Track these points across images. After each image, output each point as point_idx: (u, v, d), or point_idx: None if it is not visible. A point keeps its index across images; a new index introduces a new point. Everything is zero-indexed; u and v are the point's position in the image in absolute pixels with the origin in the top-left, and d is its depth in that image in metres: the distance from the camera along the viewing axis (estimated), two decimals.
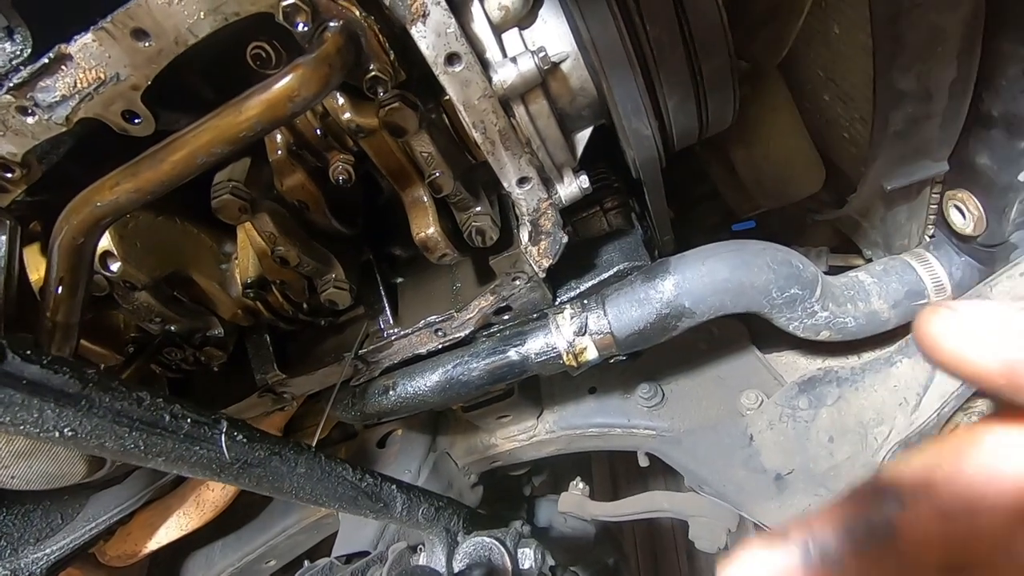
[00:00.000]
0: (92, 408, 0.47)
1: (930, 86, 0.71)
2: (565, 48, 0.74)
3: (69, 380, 0.46)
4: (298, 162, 0.83)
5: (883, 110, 0.76)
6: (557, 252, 0.91)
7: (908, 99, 0.73)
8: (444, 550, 0.94)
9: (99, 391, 0.48)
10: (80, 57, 0.62)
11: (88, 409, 0.47)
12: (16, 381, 0.43)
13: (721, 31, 0.65)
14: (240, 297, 0.97)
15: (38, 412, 0.44)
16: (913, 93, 0.72)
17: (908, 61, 0.69)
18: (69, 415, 0.46)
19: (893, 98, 0.74)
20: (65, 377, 0.46)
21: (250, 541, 1.49)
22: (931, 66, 0.69)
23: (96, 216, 0.64)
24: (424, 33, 0.64)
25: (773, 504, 0.97)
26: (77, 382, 0.47)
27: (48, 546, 1.15)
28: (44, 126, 0.66)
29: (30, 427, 0.44)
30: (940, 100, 0.73)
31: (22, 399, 0.43)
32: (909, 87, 0.72)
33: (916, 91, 0.72)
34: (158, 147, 0.63)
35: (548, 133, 0.78)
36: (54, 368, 0.46)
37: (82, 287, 0.70)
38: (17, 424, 0.44)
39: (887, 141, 0.81)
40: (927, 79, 0.71)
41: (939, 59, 0.69)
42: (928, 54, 0.68)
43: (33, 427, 0.45)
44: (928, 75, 0.70)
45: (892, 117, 0.76)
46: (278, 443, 0.65)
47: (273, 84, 0.60)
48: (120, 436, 0.49)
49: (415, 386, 1.06)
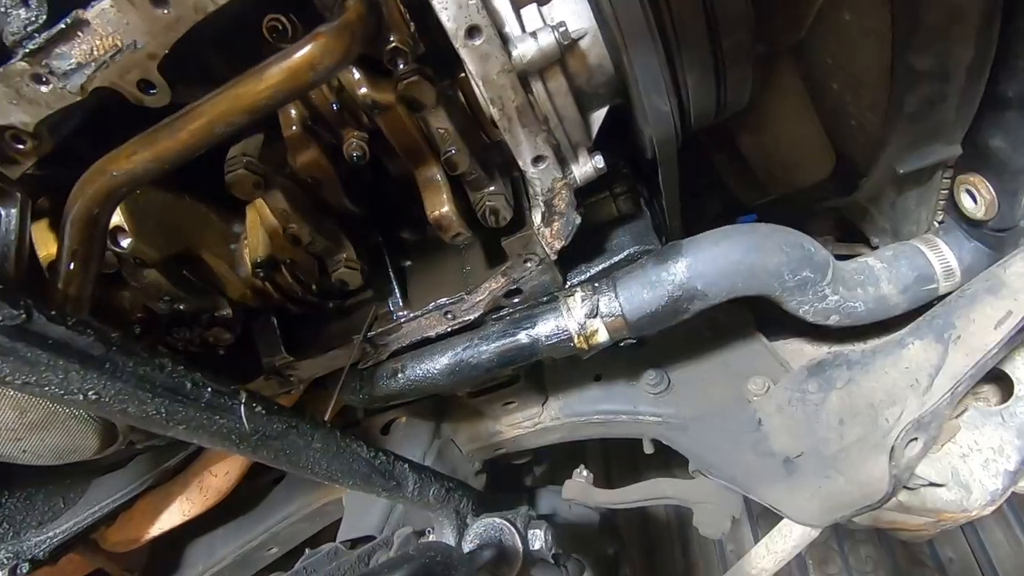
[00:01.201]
0: (116, 371, 0.47)
1: (948, 66, 0.72)
2: (584, 24, 0.74)
3: (94, 342, 0.46)
4: (312, 138, 0.83)
5: (899, 91, 0.77)
6: (570, 233, 0.90)
7: (925, 80, 0.73)
8: (454, 531, 0.94)
9: (123, 355, 0.48)
10: (97, 23, 0.61)
11: (112, 372, 0.47)
12: (42, 340, 0.43)
13: (744, 6, 0.65)
14: (249, 277, 0.96)
15: (63, 373, 0.44)
16: (930, 73, 0.72)
17: (926, 41, 0.70)
18: (94, 377, 0.45)
19: (910, 79, 0.74)
20: (90, 339, 0.46)
21: (252, 528, 1.48)
22: (949, 46, 0.70)
23: (112, 186, 0.64)
24: (446, 4, 0.64)
25: (782, 487, 0.97)
26: (102, 345, 0.46)
27: (51, 529, 1.14)
28: (58, 95, 0.65)
29: (55, 388, 0.44)
30: (957, 81, 0.73)
31: (48, 359, 0.43)
32: (926, 67, 0.72)
33: (933, 71, 0.72)
34: (176, 116, 0.62)
35: (565, 111, 0.78)
36: (79, 330, 0.45)
37: (95, 260, 0.69)
38: (43, 384, 0.43)
39: (901, 124, 0.81)
40: (945, 59, 0.71)
41: (957, 39, 0.69)
42: (947, 34, 0.68)
43: (58, 388, 0.44)
44: (946, 55, 0.71)
45: (908, 98, 0.77)
46: (296, 417, 0.65)
47: (295, 52, 0.59)
48: (143, 401, 0.49)
49: (424, 369, 1.06)
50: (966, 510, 0.89)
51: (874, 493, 0.85)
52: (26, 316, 0.42)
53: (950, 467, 0.89)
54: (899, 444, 0.81)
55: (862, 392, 0.92)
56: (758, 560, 1.05)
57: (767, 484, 0.98)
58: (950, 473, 0.88)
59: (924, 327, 0.89)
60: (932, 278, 0.96)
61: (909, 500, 0.89)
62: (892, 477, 0.82)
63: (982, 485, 0.88)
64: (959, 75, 0.73)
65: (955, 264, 0.95)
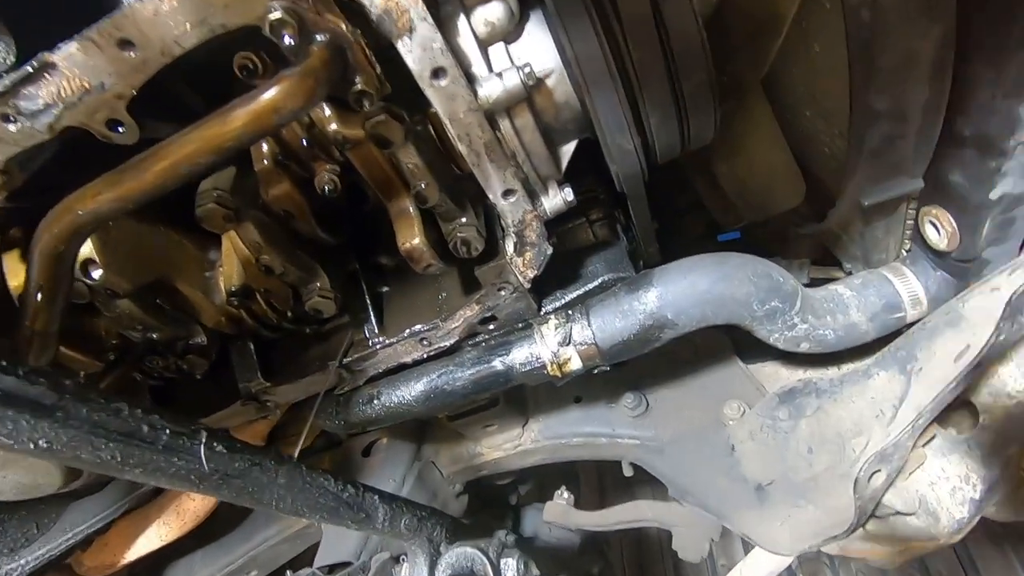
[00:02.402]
0: (68, 419, 0.47)
1: (904, 107, 0.73)
2: (550, 63, 0.75)
3: (46, 391, 0.46)
4: (284, 172, 0.83)
5: (859, 128, 0.78)
6: (542, 263, 0.91)
7: (883, 119, 0.75)
8: (427, 561, 0.94)
9: (76, 402, 0.48)
10: (64, 66, 0.61)
11: (64, 420, 0.47)
12: None
13: (701, 50, 0.66)
14: (224, 305, 0.96)
15: (12, 424, 0.44)
16: (888, 113, 0.74)
17: (883, 83, 0.71)
18: (44, 426, 0.46)
19: (869, 117, 0.76)
20: (42, 388, 0.46)
21: (231, 551, 1.47)
22: (904, 88, 0.71)
23: (77, 224, 0.64)
24: (410, 48, 0.65)
25: (754, 514, 0.98)
26: (54, 393, 0.47)
27: (23, 556, 1.13)
28: (26, 133, 0.66)
29: (3, 439, 0.44)
30: (914, 120, 0.75)
31: None
32: (884, 107, 0.74)
33: (891, 111, 0.74)
34: (141, 156, 0.63)
35: (533, 146, 0.79)
36: (30, 379, 0.45)
37: (61, 295, 0.69)
38: None
39: (864, 158, 0.83)
40: (901, 100, 0.73)
41: (912, 81, 0.71)
42: (901, 76, 0.70)
43: (7, 439, 0.44)
44: (902, 96, 0.72)
45: (868, 135, 0.78)
46: (259, 453, 0.65)
47: (258, 96, 0.60)
48: (97, 447, 0.49)
49: (400, 395, 1.06)
50: (934, 538, 0.90)
51: (841, 523, 0.85)
52: None
53: (918, 495, 0.90)
54: (863, 476, 0.81)
55: (830, 421, 0.93)
56: None
57: (739, 511, 0.99)
58: (918, 501, 0.89)
59: (889, 358, 0.91)
60: (900, 306, 0.97)
61: (877, 529, 0.90)
62: (857, 507, 0.82)
63: (949, 513, 0.89)
64: (916, 115, 0.74)
65: (922, 293, 0.96)
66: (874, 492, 0.84)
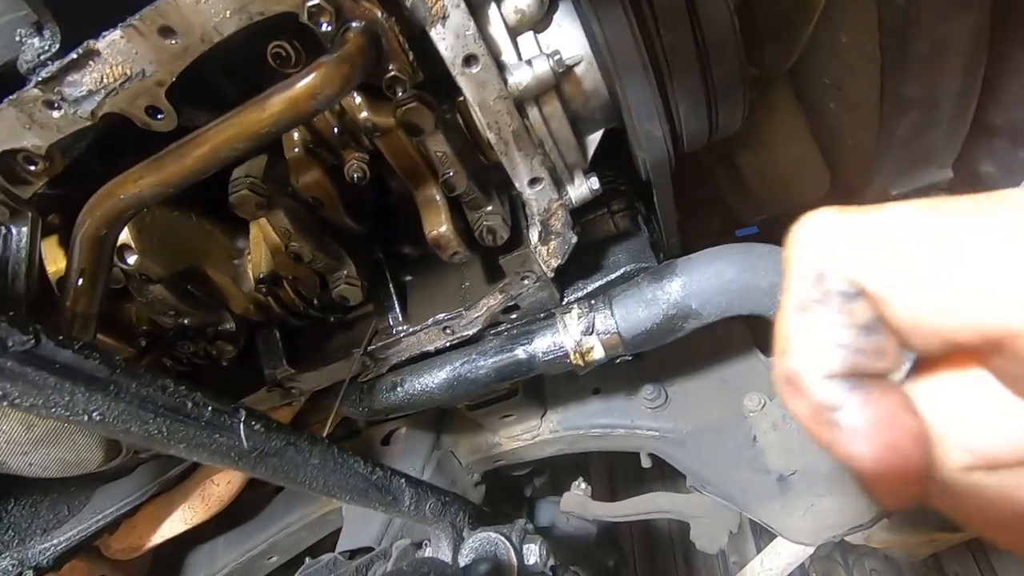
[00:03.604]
0: (120, 393, 0.49)
1: (936, 95, 0.73)
2: (579, 52, 0.76)
3: (99, 365, 0.47)
4: (314, 159, 0.85)
5: (890, 117, 0.78)
6: (566, 252, 0.92)
7: (914, 107, 0.75)
8: (450, 545, 0.95)
9: (126, 377, 0.50)
10: (108, 53, 0.63)
11: (116, 394, 0.48)
12: (49, 364, 0.44)
13: (733, 37, 0.66)
14: (252, 292, 0.98)
15: (69, 395, 0.46)
16: (919, 101, 0.74)
17: (915, 70, 0.71)
18: (98, 399, 0.47)
19: (900, 106, 0.76)
20: (95, 362, 0.47)
21: (253, 537, 1.50)
22: (937, 76, 0.71)
23: (119, 208, 0.66)
24: (443, 35, 0.66)
25: (776, 505, 0.98)
26: (106, 367, 0.48)
27: (55, 537, 1.15)
28: (69, 120, 0.67)
29: (61, 410, 0.46)
30: (946, 109, 0.74)
31: (55, 382, 0.45)
32: (916, 95, 0.73)
33: (922, 99, 0.73)
34: (182, 142, 0.64)
35: (561, 135, 0.80)
36: (85, 353, 0.47)
37: (102, 278, 0.71)
38: (49, 407, 0.45)
39: (893, 147, 0.83)
40: (933, 88, 0.72)
41: (945, 69, 0.70)
42: (935, 64, 0.70)
43: (64, 410, 0.46)
44: (934, 84, 0.72)
45: (898, 124, 0.78)
46: (294, 434, 0.67)
47: (296, 82, 0.61)
48: (145, 421, 0.51)
49: (423, 383, 1.07)
50: (959, 530, 0.90)
51: (866, 512, 0.85)
52: (35, 341, 0.44)
53: None
54: None
55: None
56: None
57: (761, 501, 0.99)
58: None
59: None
60: None
61: (902, 520, 0.90)
62: None
63: None
64: (948, 103, 0.74)
65: None
66: None
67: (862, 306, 0.26)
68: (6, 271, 0.73)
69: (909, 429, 0.27)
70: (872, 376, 0.27)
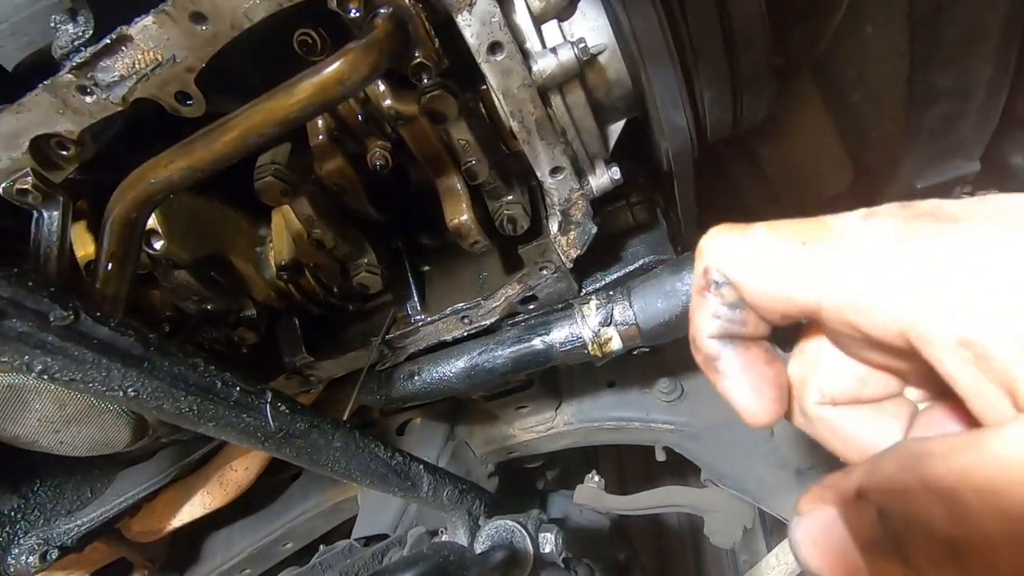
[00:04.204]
0: (153, 370, 0.50)
1: (967, 84, 0.72)
2: (603, 40, 0.76)
3: (135, 343, 0.49)
4: (338, 147, 0.85)
5: (918, 107, 0.77)
6: (586, 242, 0.92)
7: (944, 97, 0.74)
8: (466, 532, 0.96)
9: (160, 355, 0.51)
10: (140, 39, 0.64)
11: (150, 371, 0.49)
12: (88, 340, 0.45)
13: (761, 23, 0.66)
14: (274, 279, 0.99)
15: (106, 371, 0.47)
16: (949, 90, 0.73)
17: (946, 58, 0.70)
18: (133, 375, 0.48)
19: (929, 95, 0.75)
20: (131, 339, 0.48)
21: (269, 523, 1.52)
22: (969, 63, 0.70)
23: (149, 192, 0.67)
24: (469, 21, 0.66)
25: (793, 498, 0.97)
26: (141, 345, 0.49)
27: (79, 518, 1.18)
28: (101, 105, 0.68)
29: (99, 385, 0.47)
30: (976, 98, 0.73)
31: (93, 357, 0.46)
32: (946, 84, 0.72)
33: (952, 88, 0.72)
34: (212, 127, 0.65)
35: (583, 124, 0.80)
36: (121, 330, 0.48)
37: (131, 262, 0.73)
38: (87, 382, 0.46)
39: (920, 139, 0.81)
40: (964, 76, 0.71)
41: (977, 56, 0.69)
42: (967, 51, 0.69)
43: (101, 385, 0.47)
44: (965, 73, 0.71)
45: (926, 115, 0.77)
46: (318, 416, 0.67)
47: (325, 68, 0.62)
48: (177, 399, 0.52)
49: (440, 372, 1.08)
50: None
51: None
52: (74, 317, 0.45)
53: None
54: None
55: None
56: (768, 571, 1.05)
57: (779, 495, 0.99)
58: None
59: None
60: None
61: None
62: None
63: None
64: (978, 92, 0.73)
65: None
66: None
67: (729, 290, 0.38)
68: (39, 254, 0.74)
69: (767, 371, 0.40)
70: (742, 337, 0.39)
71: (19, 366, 0.43)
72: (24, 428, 0.70)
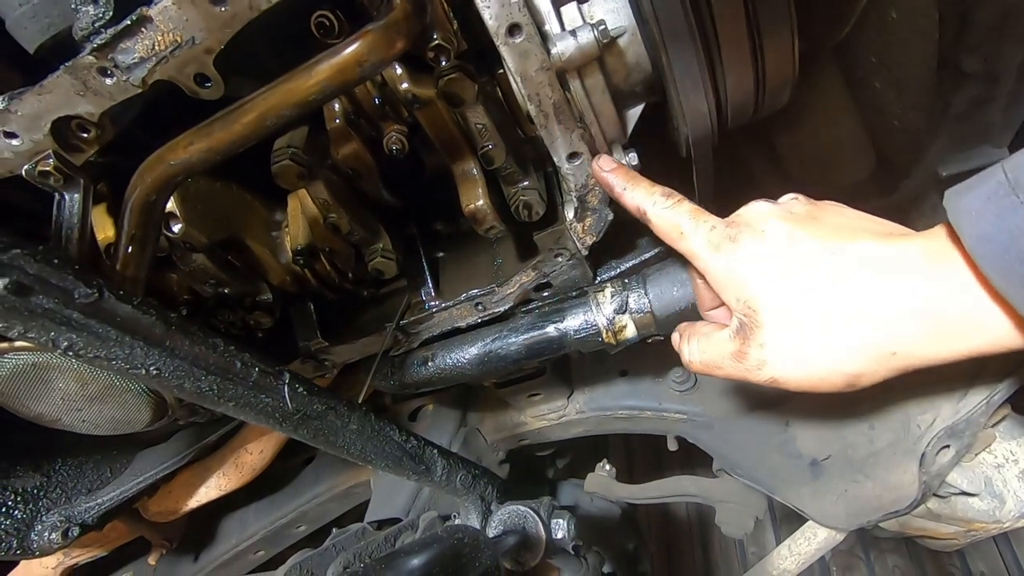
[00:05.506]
0: (175, 349, 0.50)
1: (997, 67, 0.70)
2: (623, 22, 0.74)
3: (156, 321, 0.49)
4: (354, 131, 0.85)
5: (945, 92, 0.75)
6: (602, 229, 0.91)
7: (972, 81, 0.72)
8: (479, 517, 0.96)
9: (181, 334, 0.51)
10: (160, 20, 0.64)
11: (172, 350, 0.50)
12: (112, 318, 0.46)
13: (786, 6, 0.64)
14: (289, 264, 1.00)
15: (129, 349, 0.47)
16: (978, 75, 0.71)
17: (975, 41, 0.68)
18: (155, 354, 0.49)
19: (956, 79, 0.73)
20: (153, 318, 0.49)
21: (282, 506, 1.54)
22: (999, 46, 0.68)
23: (169, 174, 0.67)
24: (488, 3, 0.65)
25: (807, 489, 0.97)
26: (163, 324, 0.50)
27: (99, 497, 1.20)
28: (121, 87, 0.69)
29: (122, 362, 0.47)
30: (1006, 83, 0.71)
31: (116, 335, 0.46)
32: (974, 68, 0.71)
33: (981, 72, 0.71)
34: (230, 109, 0.65)
35: (601, 108, 0.79)
36: (143, 309, 0.48)
37: (151, 244, 0.73)
38: (111, 359, 0.47)
39: (946, 125, 0.80)
40: (994, 60, 0.69)
41: (1008, 39, 0.67)
42: (997, 33, 0.67)
43: (124, 363, 0.47)
44: (996, 56, 0.69)
45: (954, 100, 0.75)
46: (334, 399, 0.68)
47: (343, 49, 0.61)
48: (197, 379, 0.52)
49: (454, 358, 1.08)
50: (999, 521, 0.88)
51: (903, 499, 0.84)
52: (98, 295, 0.45)
53: (983, 477, 0.87)
54: (930, 451, 0.79)
55: (894, 397, 0.91)
56: (780, 561, 1.05)
57: (792, 486, 0.98)
58: (983, 482, 0.87)
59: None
60: None
61: (939, 508, 0.88)
62: (922, 483, 0.81)
63: (1016, 497, 0.86)
64: (1008, 77, 0.71)
65: None
66: (940, 468, 0.82)
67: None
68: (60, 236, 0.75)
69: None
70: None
71: (45, 342, 0.44)
72: (48, 406, 0.71)
